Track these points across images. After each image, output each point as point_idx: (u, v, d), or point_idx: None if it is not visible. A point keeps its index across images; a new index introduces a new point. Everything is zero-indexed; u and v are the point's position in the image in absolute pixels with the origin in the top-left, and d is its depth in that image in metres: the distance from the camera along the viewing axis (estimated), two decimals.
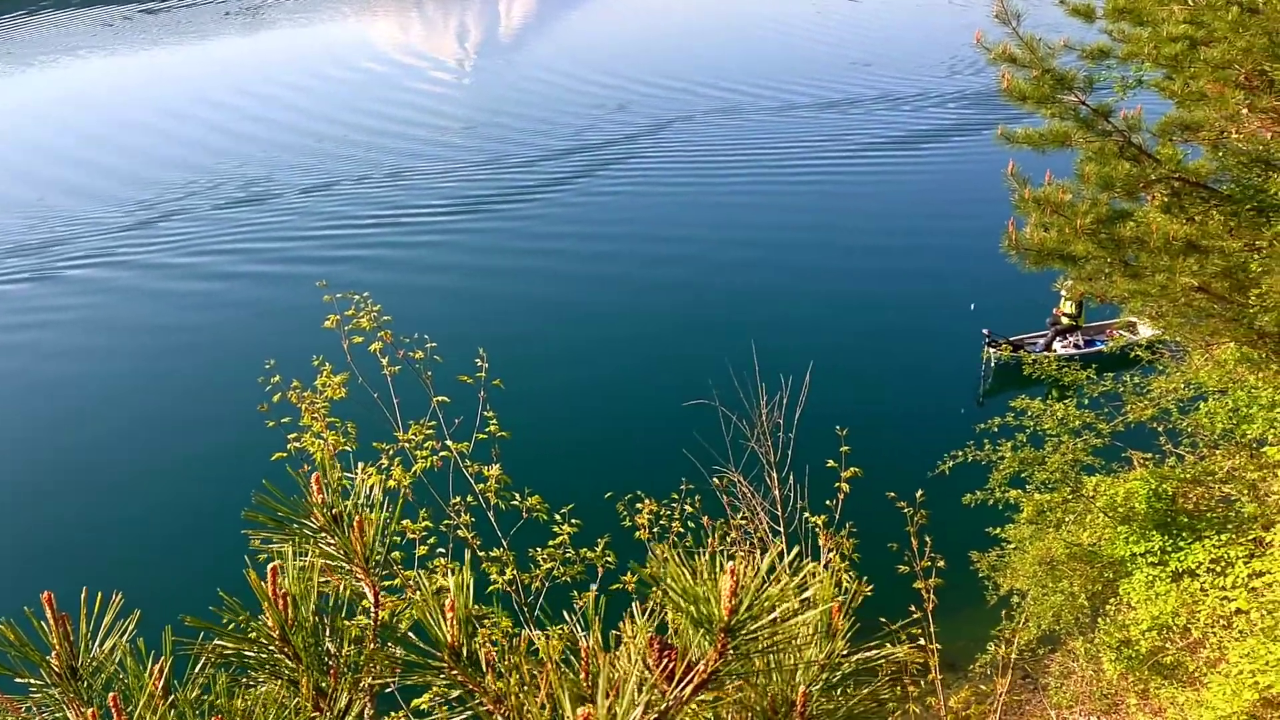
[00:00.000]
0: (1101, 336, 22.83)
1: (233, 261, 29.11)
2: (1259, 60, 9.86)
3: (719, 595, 1.75)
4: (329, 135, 40.05)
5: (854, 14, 61.33)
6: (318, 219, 31.76)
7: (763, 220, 30.78)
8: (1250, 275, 10.69)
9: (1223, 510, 12.19)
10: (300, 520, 2.29)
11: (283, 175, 35.86)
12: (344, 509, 2.29)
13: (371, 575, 2.30)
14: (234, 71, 52.75)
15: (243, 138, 40.50)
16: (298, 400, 7.92)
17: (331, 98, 46.01)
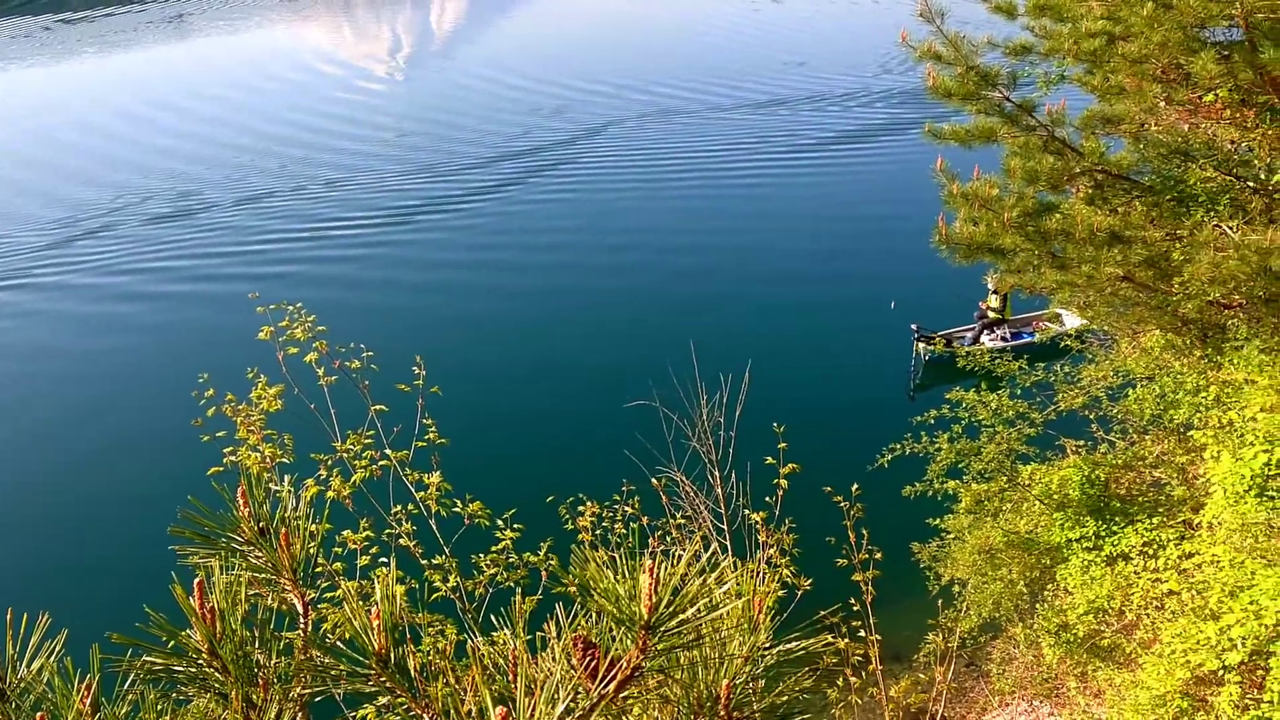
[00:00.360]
0: (1028, 329, 23.24)
1: (162, 279, 28.42)
2: (1174, 54, 10.11)
3: (639, 593, 1.79)
4: (260, 146, 39.41)
5: (783, 14, 61.74)
6: (251, 232, 31.23)
7: (699, 222, 30.92)
8: (1172, 264, 10.96)
9: (1153, 494, 12.46)
10: (228, 534, 2.30)
11: (213, 189, 35.09)
12: (272, 522, 2.30)
13: (300, 586, 2.31)
14: (158, 83, 51.63)
15: (169, 151, 39.54)
16: (233, 414, 7.84)
17: (261, 108, 45.31)
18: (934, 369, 22.58)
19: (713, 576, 1.88)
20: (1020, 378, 14.13)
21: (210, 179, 36.01)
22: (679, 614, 1.83)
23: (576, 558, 1.95)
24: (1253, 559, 8.34)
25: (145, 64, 57.61)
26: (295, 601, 2.33)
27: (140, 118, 45.00)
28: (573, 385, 22.38)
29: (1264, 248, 9.95)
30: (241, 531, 2.31)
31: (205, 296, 27.03)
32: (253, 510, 2.30)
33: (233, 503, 2.36)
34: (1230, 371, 10.62)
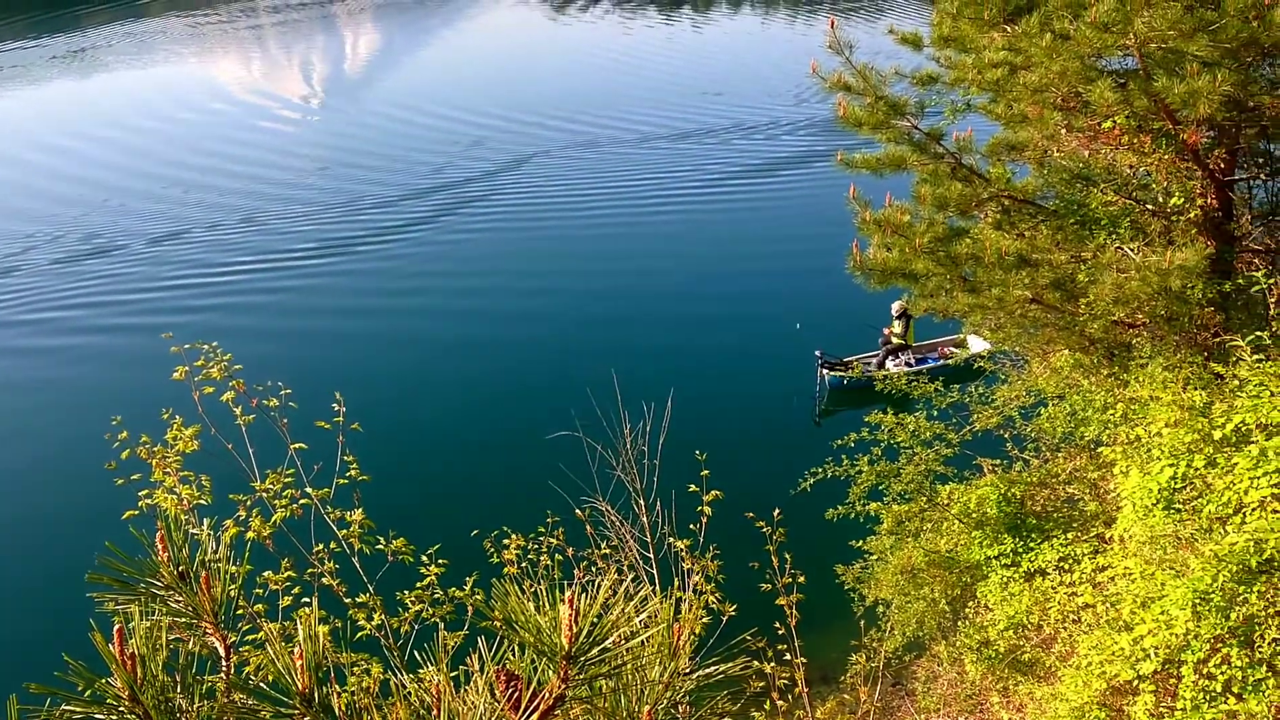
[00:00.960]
0: (933, 354, 23.65)
1: (70, 324, 27.50)
2: (1073, 83, 10.46)
3: (559, 624, 1.82)
4: (176, 181, 38.49)
5: (700, 44, 62.44)
6: (169, 269, 30.52)
7: (619, 252, 31.03)
8: (1078, 286, 11.30)
9: (1067, 510, 12.78)
10: (147, 579, 2.29)
11: (128, 224, 34.12)
12: (191, 566, 2.29)
13: (221, 630, 2.31)
14: (68, 118, 50.15)
15: (75, 191, 38.27)
16: (148, 456, 7.71)
17: (175, 141, 44.42)
18: (839, 395, 22.99)
19: (632, 605, 1.92)
20: (936, 399, 14.42)
21: (119, 218, 35.04)
22: (599, 643, 1.87)
23: (498, 591, 1.98)
24: (1162, 570, 8.59)
25: (46, 100, 56.09)
26: (217, 645, 2.32)
27: (43, 156, 43.72)
28: (495, 418, 22.30)
29: (1163, 268, 10.31)
30: (161, 576, 2.30)
31: (117, 340, 26.32)
32: (172, 555, 2.30)
33: (151, 547, 2.35)
34: (1136, 389, 10.95)
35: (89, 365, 25.37)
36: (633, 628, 1.92)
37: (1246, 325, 11.01)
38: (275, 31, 75.35)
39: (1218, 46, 9.50)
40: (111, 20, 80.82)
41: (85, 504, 18.09)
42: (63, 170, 41.23)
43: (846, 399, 22.91)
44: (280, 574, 7.34)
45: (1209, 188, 11.65)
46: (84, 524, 17.72)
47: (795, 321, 23.46)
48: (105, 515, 7.43)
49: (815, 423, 22.60)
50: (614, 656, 1.90)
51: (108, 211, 35.86)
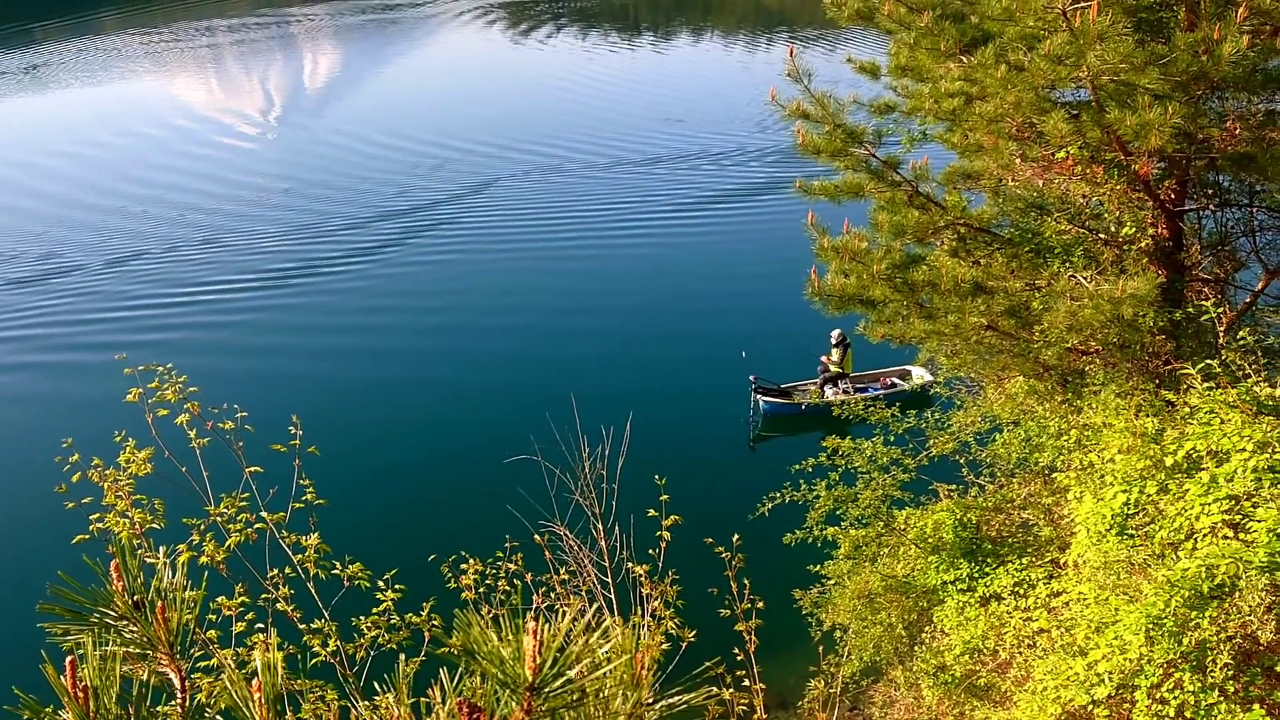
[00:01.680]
0: (875, 384, 23.77)
1: (22, 348, 27.05)
2: (1027, 113, 10.61)
3: (523, 655, 1.81)
4: (134, 199, 37.97)
5: (660, 70, 62.74)
6: (125, 289, 30.08)
7: (581, 276, 31.06)
8: (1032, 313, 11.43)
9: (1022, 535, 12.88)
10: (100, 609, 2.25)
11: (78, 250, 33.55)
12: (146, 595, 2.26)
13: (176, 660, 2.27)
14: (20, 135, 49.42)
15: (28, 210, 37.79)
16: (99, 479, 7.59)
17: (128, 164, 43.77)
18: (774, 421, 23.12)
19: (596, 635, 1.92)
20: (893, 425, 14.51)
21: (74, 240, 34.52)
22: (563, 674, 1.86)
23: (460, 621, 1.96)
24: (1116, 595, 8.67)
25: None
26: (172, 675, 2.29)
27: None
28: (453, 442, 22.19)
29: (1115, 297, 10.46)
30: (115, 606, 2.26)
31: (71, 364, 25.87)
32: (127, 583, 2.26)
33: (105, 576, 2.31)
34: (1089, 415, 11.08)
35: (43, 386, 24.93)
36: (596, 658, 1.91)
37: (1197, 353, 11.20)
38: (234, 51, 74.92)
39: (1168, 80, 9.68)
40: (66, 37, 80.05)
41: (35, 529, 17.81)
42: (18, 186, 40.64)
43: (782, 425, 23.08)
44: (234, 599, 7.24)
45: (1160, 218, 11.85)
46: (34, 549, 17.44)
47: (742, 349, 23.59)
48: (56, 540, 7.32)
49: (750, 448, 22.73)
50: (578, 688, 1.89)
51: (64, 229, 35.33)
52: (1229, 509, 8.27)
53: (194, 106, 55.76)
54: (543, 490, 9.80)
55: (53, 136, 49.09)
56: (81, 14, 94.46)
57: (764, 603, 8.75)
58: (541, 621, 1.85)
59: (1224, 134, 10.83)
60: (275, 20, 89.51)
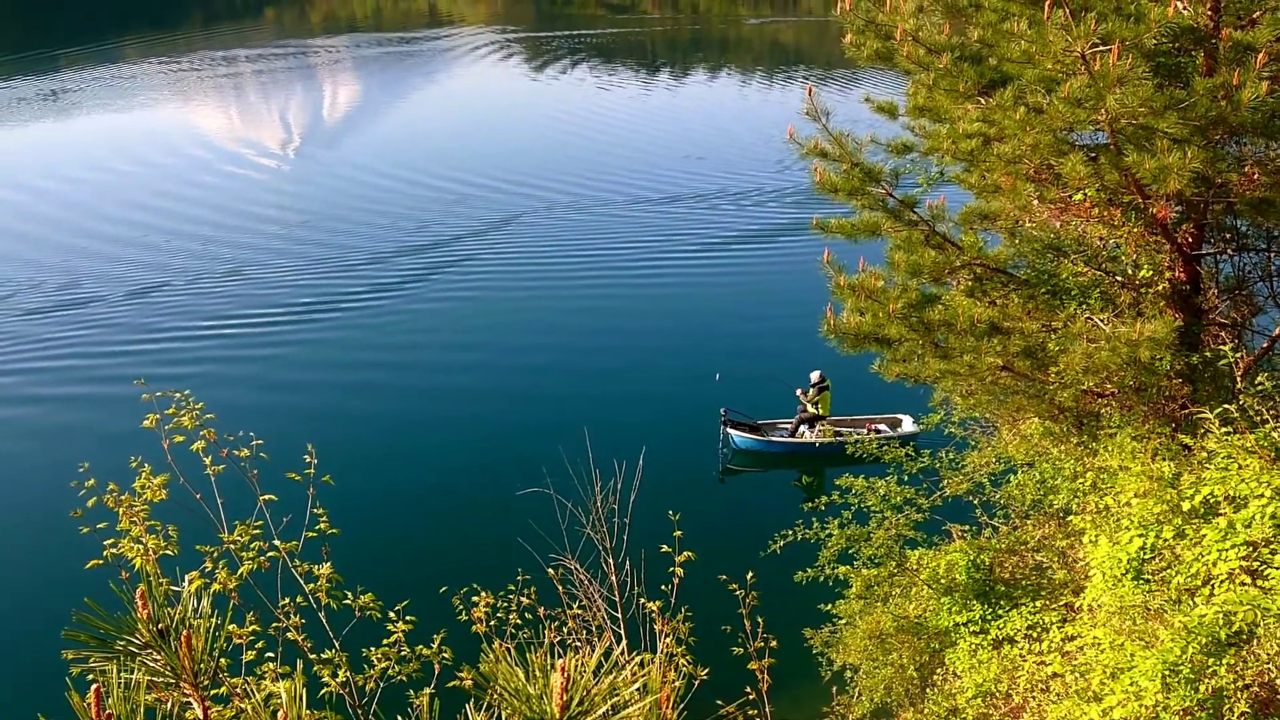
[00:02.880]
0: (862, 428, 23.33)
1: (37, 381, 26.76)
2: (1045, 155, 10.63)
3: (550, 693, 1.80)
4: (149, 235, 37.66)
5: (683, 108, 63.02)
6: (141, 327, 29.70)
7: (600, 313, 30.99)
8: (1048, 354, 11.40)
9: (1036, 578, 12.79)
10: (125, 637, 2.25)
11: (98, 279, 33.43)
12: (170, 622, 2.26)
13: (200, 689, 2.27)
14: (33, 166, 49.18)
15: (45, 240, 37.65)
16: (114, 504, 7.60)
17: (149, 193, 43.62)
18: (746, 456, 23.07)
19: (623, 674, 1.91)
20: (907, 465, 14.48)
21: (94, 270, 34.43)
22: (589, 713, 1.85)
23: (486, 656, 1.96)
24: (1131, 641, 8.60)
25: (17, 144, 55.65)
26: (195, 705, 2.28)
27: (11, 202, 43.16)
28: (466, 475, 22.16)
29: (1133, 339, 10.43)
30: (139, 634, 2.26)
31: (88, 395, 25.80)
32: (152, 612, 2.26)
33: (131, 604, 2.31)
34: (1105, 458, 11.04)
35: (60, 416, 24.90)
36: (623, 698, 1.90)
37: (1214, 398, 11.15)
38: (255, 81, 75.62)
39: (1187, 124, 9.70)
40: (88, 64, 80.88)
41: (51, 554, 17.82)
42: (38, 214, 40.81)
43: (754, 460, 23.02)
44: (245, 628, 7.23)
45: (1177, 261, 11.84)
46: (48, 574, 17.45)
47: (716, 373, 23.59)
48: (71, 565, 7.32)
49: (719, 480, 22.68)
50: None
51: (84, 258, 35.36)
52: (1247, 555, 8.21)
53: (214, 136, 56.17)
54: (555, 524, 9.79)
55: (73, 164, 49.32)
56: (104, 41, 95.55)
57: (776, 641, 8.70)
58: (570, 659, 1.84)
59: (1242, 179, 10.83)
60: (296, 50, 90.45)
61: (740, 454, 23.21)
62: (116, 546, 7.35)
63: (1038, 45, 9.61)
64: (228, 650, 7.08)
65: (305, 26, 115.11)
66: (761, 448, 23.18)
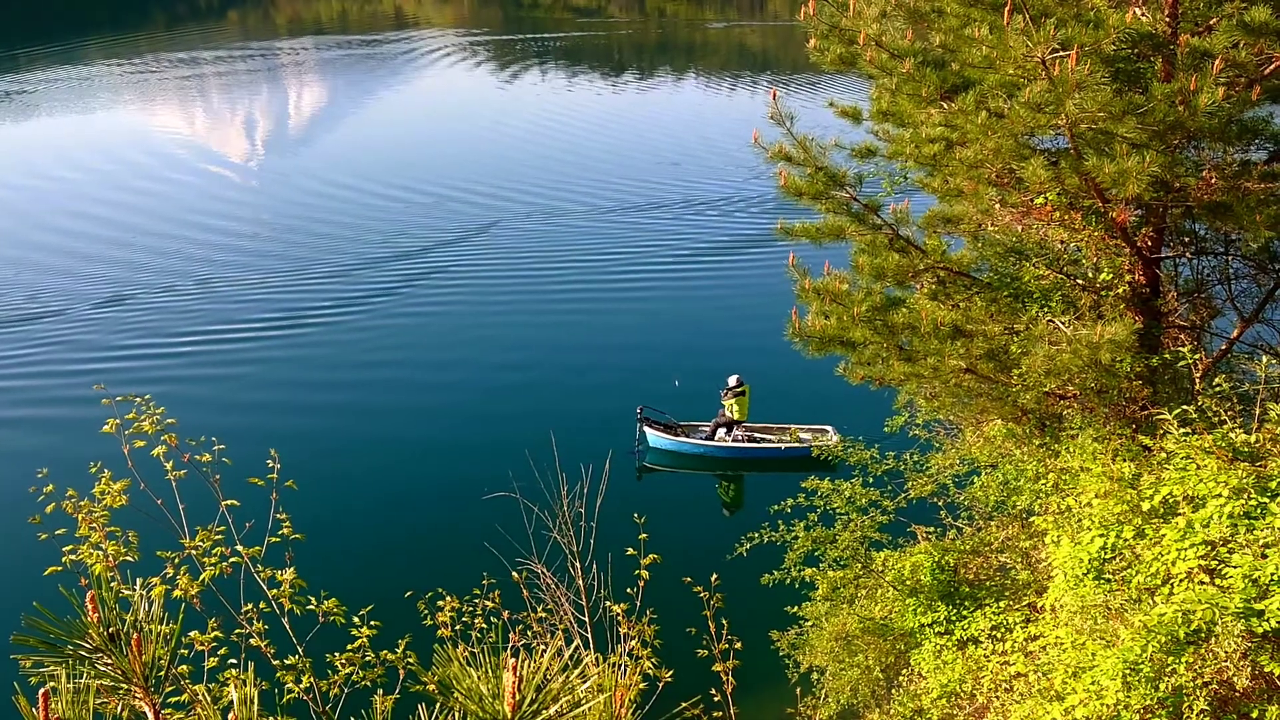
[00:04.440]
0: (782, 436, 23.43)
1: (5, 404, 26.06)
2: (1007, 160, 10.74)
3: (502, 692, 1.80)
4: (115, 239, 36.87)
5: (651, 113, 63.05)
6: (105, 330, 29.26)
7: (562, 318, 30.96)
8: (1011, 357, 11.51)
9: (1000, 578, 12.90)
10: (75, 641, 2.23)
11: (55, 292, 32.74)
12: (122, 628, 2.24)
13: (150, 694, 2.25)
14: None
15: (11, 246, 37.02)
16: (74, 510, 7.51)
17: (105, 200, 42.76)
18: (662, 454, 23.14)
19: (575, 672, 1.91)
20: (872, 466, 14.56)
21: (51, 282, 33.57)
22: (542, 711, 1.85)
23: (439, 657, 1.95)
24: (1093, 640, 8.68)
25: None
26: (146, 709, 2.26)
27: None
28: (432, 479, 22.08)
29: (1093, 342, 10.55)
30: (90, 638, 2.24)
31: (47, 406, 25.38)
32: (103, 616, 2.24)
33: (81, 608, 2.29)
34: (1066, 459, 11.14)
35: (23, 427, 24.52)
36: (575, 696, 1.91)
37: (1173, 399, 11.29)
38: (218, 83, 75.04)
39: (1146, 129, 9.81)
40: (48, 64, 80.00)
41: (8, 560, 17.60)
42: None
43: (670, 460, 23.05)
44: (207, 634, 7.17)
45: (1137, 265, 11.98)
46: (5, 581, 17.20)
47: (675, 379, 23.68)
48: (30, 571, 7.23)
49: (637, 477, 22.71)
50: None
51: (40, 270, 34.49)
52: (1205, 554, 8.31)
53: (176, 142, 55.61)
54: (522, 529, 9.77)
55: (28, 169, 48.60)
56: (64, 41, 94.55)
57: (741, 643, 8.72)
58: (522, 658, 1.84)
59: (1200, 183, 10.97)
60: (260, 52, 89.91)
61: (656, 453, 23.21)
62: (75, 553, 7.27)
63: (999, 50, 9.69)
64: (188, 656, 7.03)
65: (270, 29, 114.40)
66: (675, 448, 23.18)
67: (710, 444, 23.15)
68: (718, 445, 23.12)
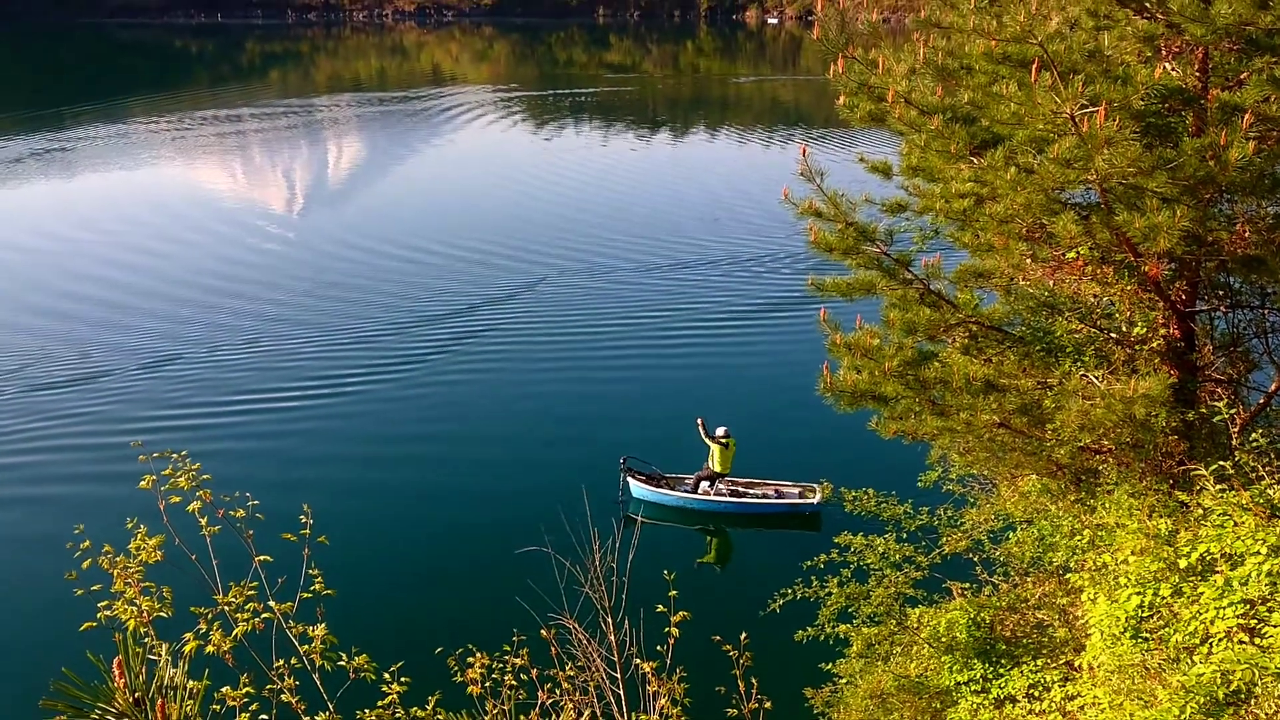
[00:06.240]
0: (766, 492, 23.15)
1: (49, 464, 25.79)
2: (1037, 214, 10.74)
3: None
4: (156, 303, 37.10)
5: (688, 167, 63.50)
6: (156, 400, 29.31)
7: (593, 372, 31.00)
8: (1044, 411, 11.43)
9: (1037, 636, 12.72)
10: (101, 706, 2.27)
11: (108, 350, 32.74)
12: (148, 692, 2.28)
13: None
14: (35, 228, 48.69)
15: (47, 309, 36.86)
16: (109, 566, 7.60)
17: (155, 254, 43.39)
18: (646, 506, 22.92)
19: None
20: (906, 521, 14.46)
21: (99, 338, 33.73)
22: None
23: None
24: (1131, 701, 8.55)
25: (19, 204, 55.08)
26: None
27: (13, 268, 42.53)
28: (464, 535, 22.07)
29: (1128, 396, 10.47)
30: (116, 703, 2.28)
31: (90, 462, 25.51)
32: (129, 680, 2.29)
33: (108, 673, 2.34)
34: (1102, 515, 11.03)
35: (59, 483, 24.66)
36: None
37: (1210, 454, 11.17)
38: (259, 139, 76.33)
39: (1177, 184, 9.81)
40: (94, 122, 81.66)
41: (45, 615, 17.76)
42: (31, 286, 39.86)
43: (652, 511, 22.73)
44: (239, 690, 7.20)
45: (1171, 318, 11.91)
46: (43, 635, 17.35)
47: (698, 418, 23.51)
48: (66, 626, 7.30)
49: (618, 527, 22.36)
50: None
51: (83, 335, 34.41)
52: (1244, 613, 8.19)
53: (217, 198, 56.30)
54: (553, 583, 9.77)
55: (76, 225, 49.09)
56: (110, 99, 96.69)
57: (772, 703, 8.65)
58: None
59: (1233, 237, 10.93)
60: (300, 109, 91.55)
61: (639, 503, 23.04)
62: (110, 609, 7.34)
63: (1027, 107, 9.75)
64: (220, 713, 7.05)
65: (310, 86, 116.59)
66: (656, 499, 22.92)
67: (693, 497, 22.90)
68: (700, 498, 22.87)
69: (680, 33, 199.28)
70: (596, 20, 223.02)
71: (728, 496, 22.82)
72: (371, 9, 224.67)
